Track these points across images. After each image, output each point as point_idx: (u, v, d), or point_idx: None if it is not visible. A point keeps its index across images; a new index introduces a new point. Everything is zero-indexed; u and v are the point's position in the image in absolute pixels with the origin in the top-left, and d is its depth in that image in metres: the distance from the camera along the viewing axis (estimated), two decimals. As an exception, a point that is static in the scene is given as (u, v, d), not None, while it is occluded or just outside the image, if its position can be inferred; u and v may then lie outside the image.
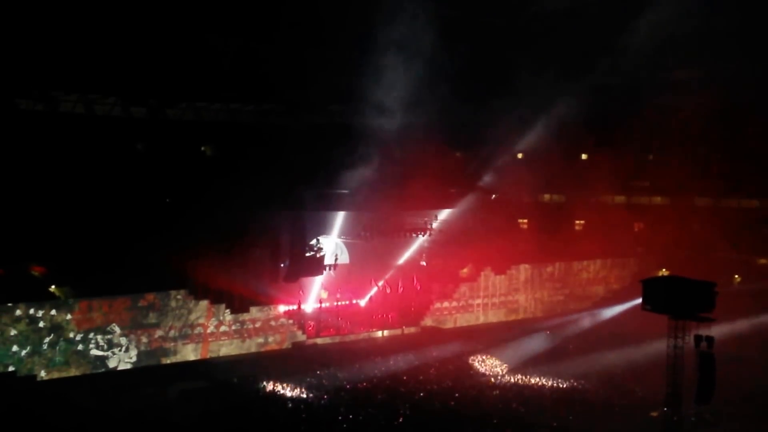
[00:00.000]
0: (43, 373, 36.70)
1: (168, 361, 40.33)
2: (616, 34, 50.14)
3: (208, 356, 41.61)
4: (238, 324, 42.75)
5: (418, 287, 51.38)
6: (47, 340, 36.80)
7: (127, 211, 43.12)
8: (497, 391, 37.31)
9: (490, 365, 42.13)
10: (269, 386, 36.91)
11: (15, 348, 35.99)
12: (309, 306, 47.58)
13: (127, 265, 39.08)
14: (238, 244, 44.22)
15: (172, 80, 48.81)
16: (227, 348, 42.37)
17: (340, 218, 50.85)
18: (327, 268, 48.62)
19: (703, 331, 29.56)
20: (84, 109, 49.63)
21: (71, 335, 37.45)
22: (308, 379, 37.97)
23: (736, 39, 49.37)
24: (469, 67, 52.10)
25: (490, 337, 47.18)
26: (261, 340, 43.58)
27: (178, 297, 40.79)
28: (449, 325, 51.13)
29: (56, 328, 37.05)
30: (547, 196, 66.07)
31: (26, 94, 46.92)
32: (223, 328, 42.22)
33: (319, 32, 48.96)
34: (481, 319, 52.98)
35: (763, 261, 54.95)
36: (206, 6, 46.09)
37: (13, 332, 35.92)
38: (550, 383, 38.59)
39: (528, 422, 32.49)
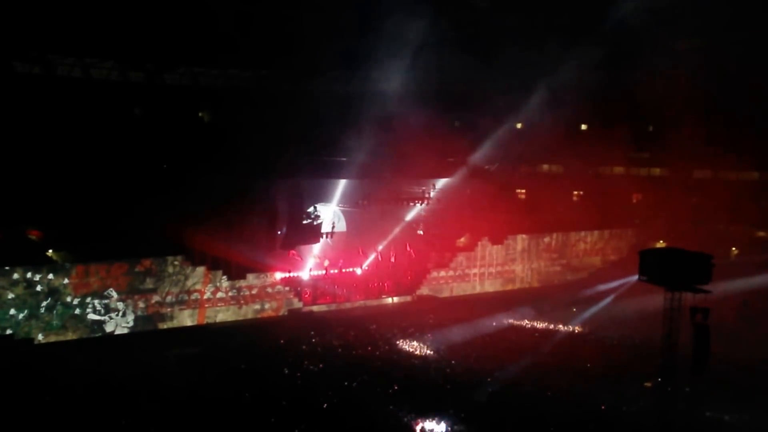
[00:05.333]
0: (40, 337, 36.90)
1: (165, 327, 40.52)
2: (616, 3, 49.84)
3: (204, 322, 41.82)
4: (234, 290, 42.89)
5: (412, 255, 51.44)
6: (44, 303, 36.96)
7: (125, 176, 43.02)
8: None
9: None
10: (265, 352, 37.02)
11: (12, 311, 36.15)
12: (305, 273, 47.66)
13: (125, 230, 39.11)
14: (235, 211, 44.12)
15: (169, 45, 48.49)
16: (224, 314, 42.53)
17: (338, 186, 50.70)
18: (324, 236, 48.65)
19: (699, 303, 29.57)
20: (81, 73, 49.43)
21: (68, 299, 37.59)
22: (304, 346, 38.14)
23: (736, 8, 49.07)
24: (470, 34, 51.73)
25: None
26: (257, 306, 43.75)
27: (175, 263, 40.86)
28: (445, 294, 51.31)
29: (53, 292, 37.17)
30: (545, 167, 65.96)
31: (23, 56, 46.60)
32: (219, 295, 42.37)
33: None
34: (478, 289, 53.16)
35: (761, 233, 54.96)
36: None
37: (10, 296, 36.05)
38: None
39: (524, 390, 32.67)
